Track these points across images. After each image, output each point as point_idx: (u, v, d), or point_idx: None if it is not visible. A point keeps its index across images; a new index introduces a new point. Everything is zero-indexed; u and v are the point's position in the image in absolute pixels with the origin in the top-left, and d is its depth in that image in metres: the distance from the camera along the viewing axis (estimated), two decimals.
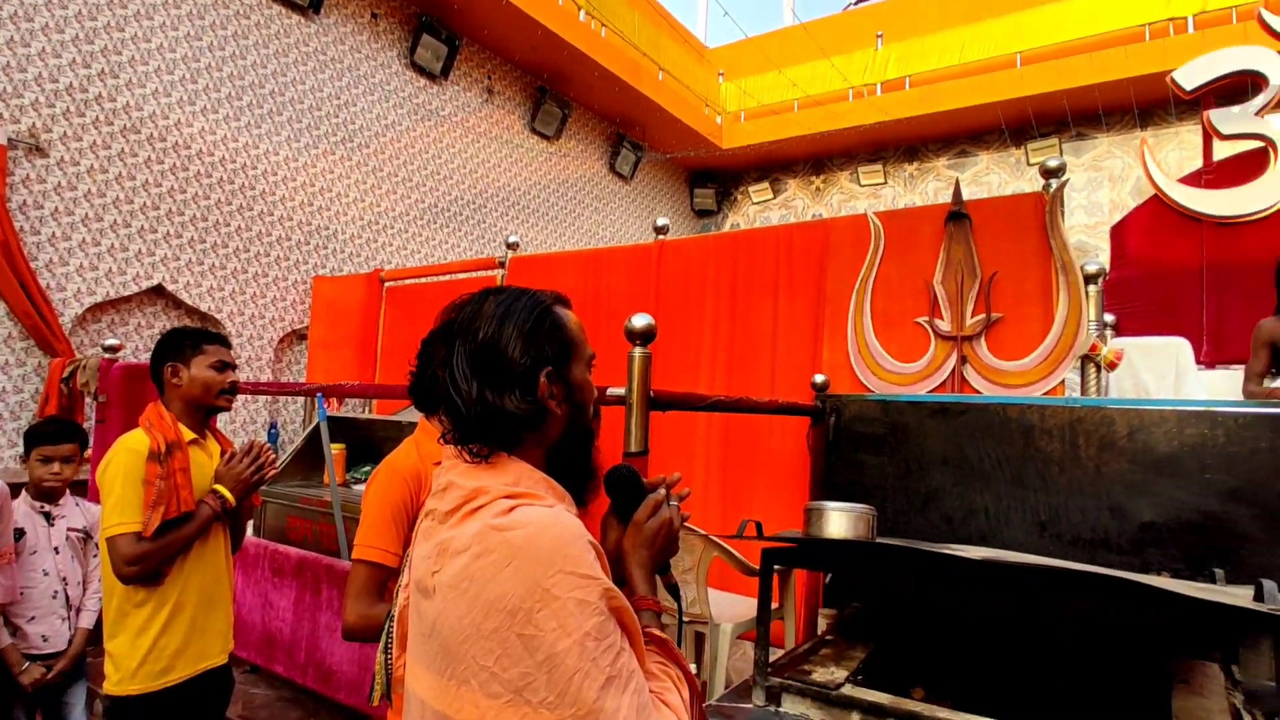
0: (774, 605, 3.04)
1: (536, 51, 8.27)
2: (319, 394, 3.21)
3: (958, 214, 3.11)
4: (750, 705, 2.02)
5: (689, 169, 10.84)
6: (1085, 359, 2.79)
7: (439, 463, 1.55)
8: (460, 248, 8.16)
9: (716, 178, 10.92)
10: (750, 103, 10.11)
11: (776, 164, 10.55)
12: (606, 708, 0.78)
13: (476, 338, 0.94)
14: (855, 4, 10.27)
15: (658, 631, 0.98)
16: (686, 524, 2.82)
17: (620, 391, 1.95)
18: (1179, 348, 3.53)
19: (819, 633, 2.56)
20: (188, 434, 2.04)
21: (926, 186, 9.42)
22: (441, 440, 0.98)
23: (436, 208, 7.98)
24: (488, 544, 0.84)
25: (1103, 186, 8.33)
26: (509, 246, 4.87)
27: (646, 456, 1.94)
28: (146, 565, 1.89)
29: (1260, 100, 3.94)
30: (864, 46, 9.45)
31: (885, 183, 9.77)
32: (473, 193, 8.37)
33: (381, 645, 1.07)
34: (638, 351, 1.94)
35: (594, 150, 9.74)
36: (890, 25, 9.56)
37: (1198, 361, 3.70)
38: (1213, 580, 2.13)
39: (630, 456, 1.91)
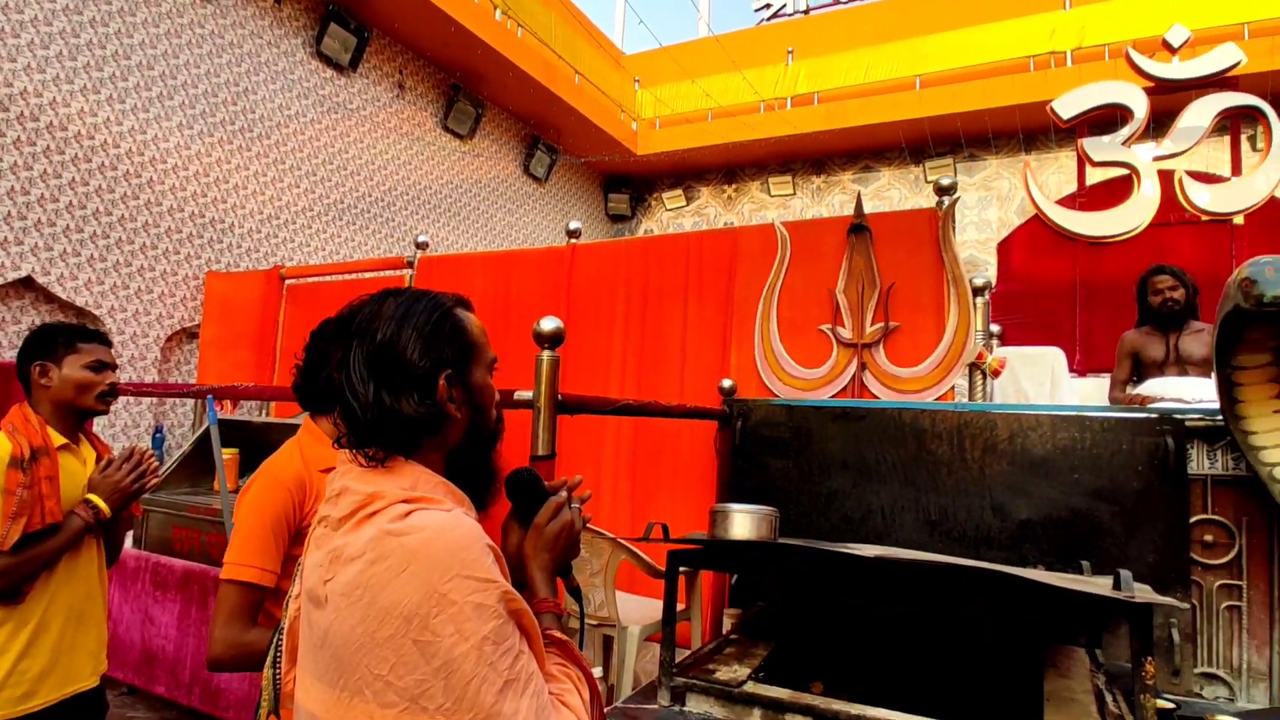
0: (681, 607, 3.09)
1: (450, 48, 8.12)
2: (209, 396, 3.04)
3: (859, 226, 3.25)
4: (655, 706, 2.05)
5: (604, 173, 10.87)
6: (972, 366, 2.97)
7: (328, 469, 1.48)
8: (367, 246, 7.90)
9: (631, 183, 11.00)
10: (665, 110, 10.24)
11: (690, 171, 10.72)
12: (505, 711, 0.78)
13: (374, 339, 0.92)
14: (767, 20, 10.57)
15: (558, 634, 0.98)
16: (592, 526, 2.81)
17: (528, 395, 1.94)
18: (1055, 357, 3.81)
19: (724, 632, 2.61)
20: (57, 439, 1.89)
21: (833, 199, 9.79)
22: (336, 444, 0.95)
23: (343, 204, 7.70)
24: (383, 549, 0.82)
25: (992, 205, 8.88)
26: (418, 246, 4.75)
27: (554, 460, 1.94)
28: (5, 582, 1.74)
29: (1126, 131, 4.30)
30: (775, 62, 9.74)
31: (794, 193, 10.09)
32: (381, 190, 8.13)
33: (269, 659, 1.02)
34: (546, 355, 1.93)
35: (508, 151, 9.63)
36: (800, 42, 9.90)
37: (1071, 370, 4.00)
38: (1080, 571, 2.30)
39: (537, 460, 1.90)
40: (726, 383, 3.15)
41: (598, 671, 2.77)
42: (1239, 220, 4.03)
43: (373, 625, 0.79)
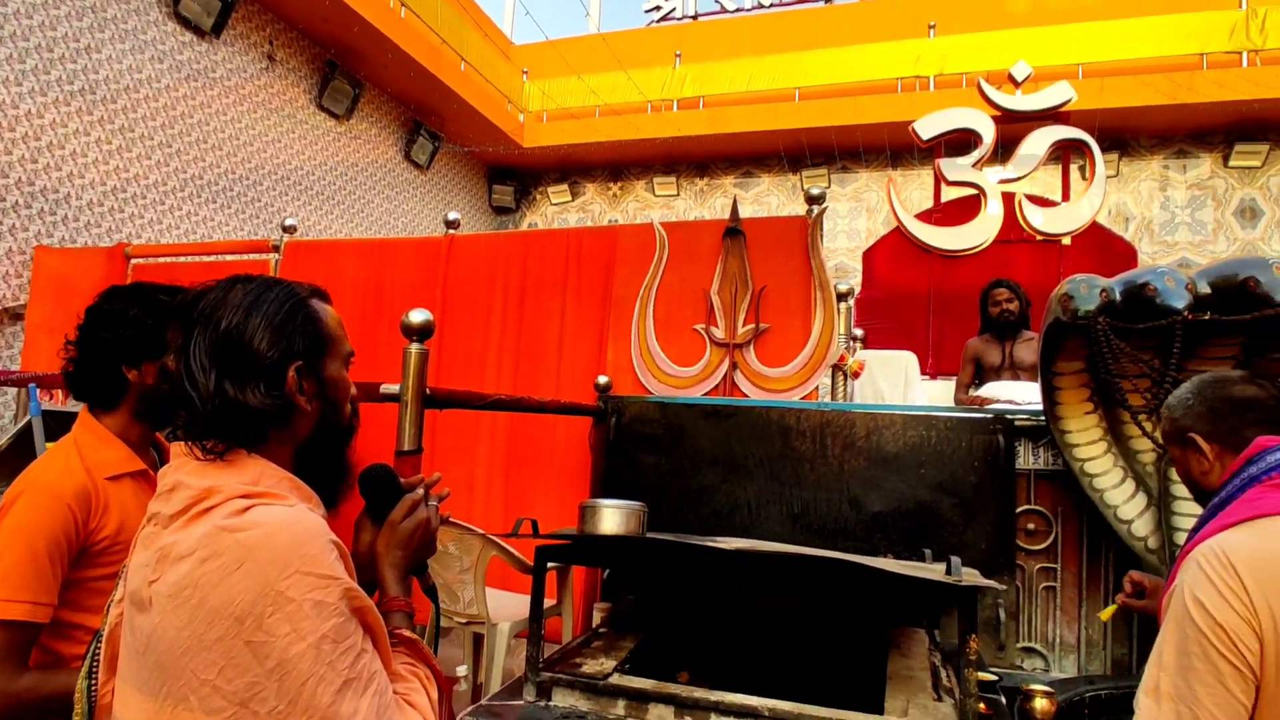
0: (552, 602, 3.09)
1: (327, 22, 7.71)
2: (33, 385, 2.75)
3: (734, 230, 3.36)
4: (521, 701, 2.04)
5: (489, 164, 10.67)
6: (835, 368, 3.15)
7: (117, 475, 1.36)
8: (229, 227, 7.38)
9: (517, 176, 10.85)
10: (552, 104, 10.17)
11: (576, 167, 10.70)
12: (343, 712, 0.76)
13: (218, 326, 0.88)
14: (656, 22, 10.71)
15: (407, 632, 0.96)
16: (461, 522, 2.76)
17: (395, 389, 1.89)
18: (908, 360, 4.10)
19: (594, 626, 2.64)
20: None
21: (715, 202, 10.06)
22: (169, 436, 0.89)
23: (201, 180, 7.15)
24: (216, 546, 0.78)
25: (862, 215, 9.41)
26: (285, 229, 4.49)
27: (420, 455, 1.89)
28: None
29: (976, 155, 4.69)
30: (663, 64, 9.88)
31: (678, 194, 10.28)
32: (246, 167, 7.61)
33: (84, 670, 0.94)
34: (414, 348, 1.89)
35: (388, 135, 9.26)
36: (688, 47, 10.09)
37: (923, 373, 4.32)
38: (922, 559, 2.49)
39: (403, 455, 1.85)
40: (602, 379, 3.18)
41: (464, 670, 2.73)
42: (1067, 241, 4.48)
43: (201, 627, 0.75)
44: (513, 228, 10.73)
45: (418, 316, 1.86)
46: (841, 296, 3.23)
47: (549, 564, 2.09)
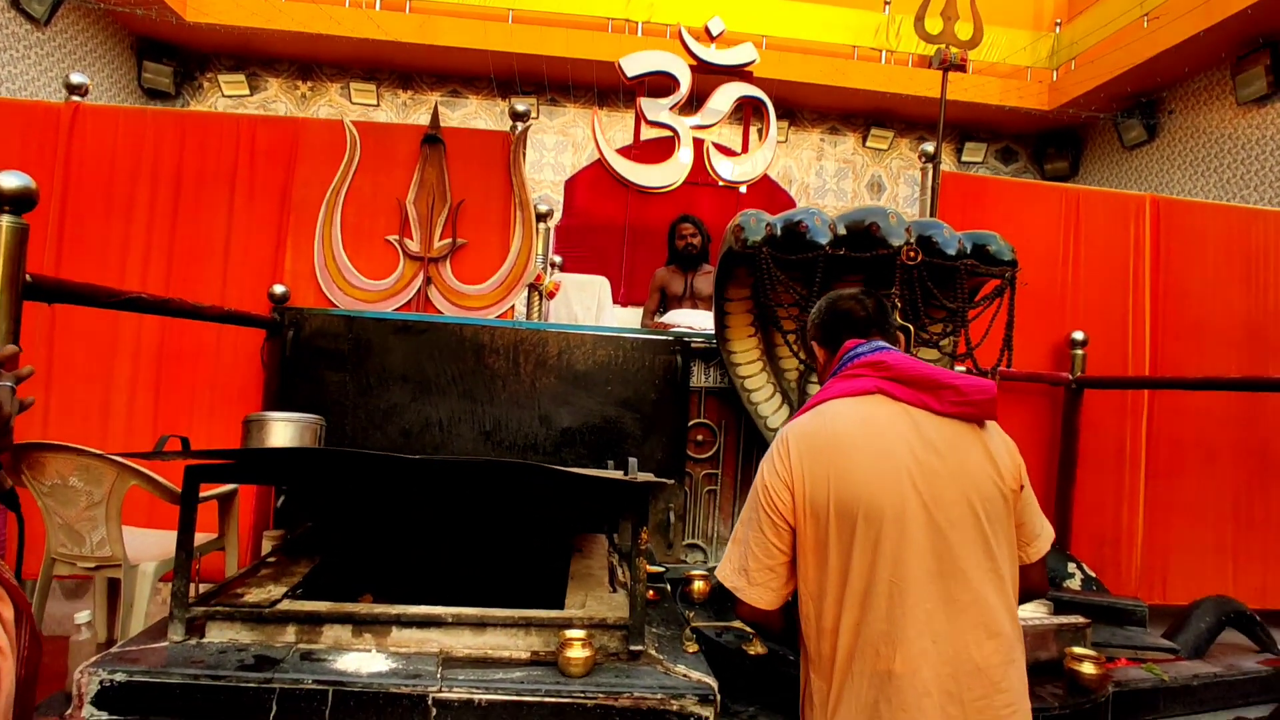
0: (214, 536, 2.75)
1: None
2: None
3: (434, 138, 3.17)
4: (165, 643, 1.78)
5: (138, 35, 8.76)
6: (531, 287, 3.17)
7: None
8: None
9: (178, 55, 9.08)
10: None
11: (257, 57, 9.27)
12: None
13: None
14: None
15: None
16: (89, 449, 2.31)
17: None
18: (601, 285, 4.29)
19: (262, 556, 2.40)
20: None
21: (419, 118, 9.44)
22: None
23: None
24: None
25: (568, 151, 9.54)
26: None
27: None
28: None
29: (673, 99, 4.97)
30: None
31: (378, 105, 9.47)
32: None
33: None
34: (5, 220, 1.48)
35: None
36: None
37: (615, 301, 4.55)
38: (605, 468, 2.66)
39: None
40: (279, 289, 2.84)
41: (87, 616, 2.31)
42: (744, 190, 4.99)
43: None
44: None
45: (10, 181, 1.46)
46: (541, 217, 3.23)
47: (204, 493, 1.83)
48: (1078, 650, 1.92)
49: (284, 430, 1.93)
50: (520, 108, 3.22)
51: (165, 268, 3.04)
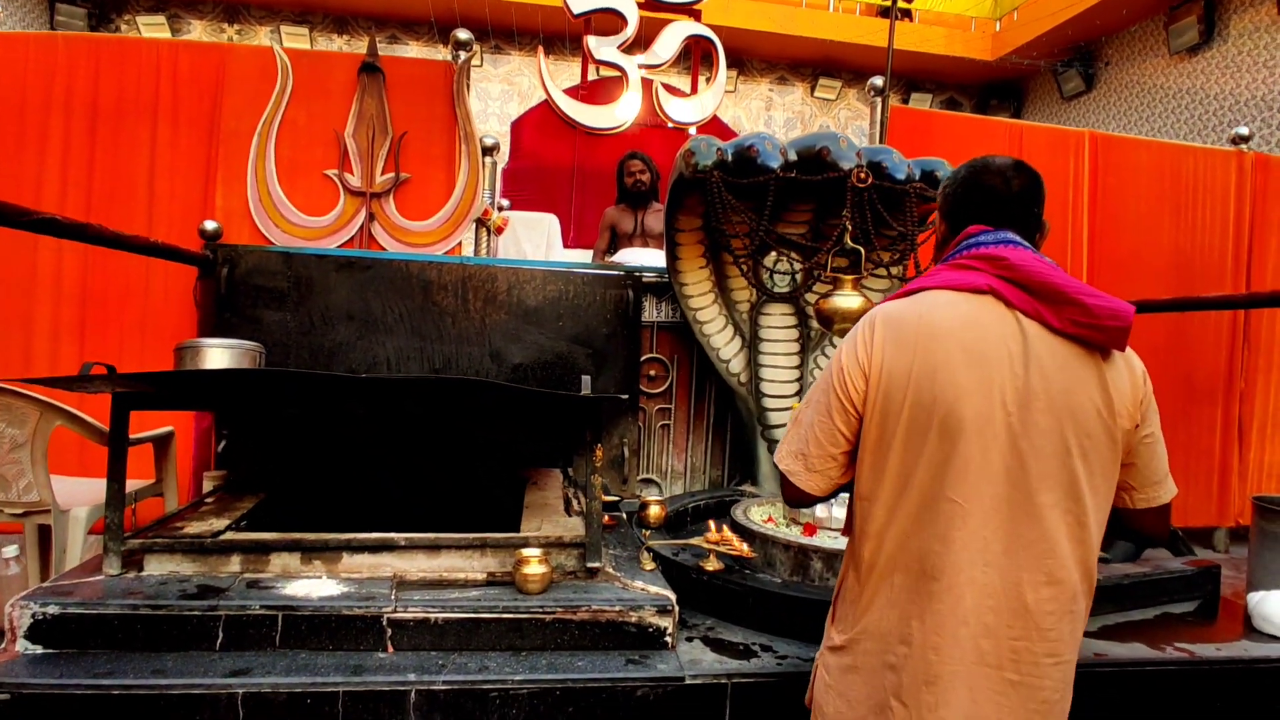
0: (152, 482, 2.65)
1: None
2: None
3: (372, 66, 3.02)
4: (100, 577, 1.72)
5: None
6: (478, 223, 3.08)
7: None
8: None
9: None
10: None
11: None
12: None
13: None
14: None
15: None
16: (7, 385, 2.19)
17: None
18: (551, 223, 4.21)
19: (203, 494, 2.32)
20: None
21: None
22: None
23: None
24: None
25: (514, 100, 9.28)
26: None
27: None
28: None
29: (621, 38, 4.84)
30: None
31: (312, 50, 9.04)
32: None
33: None
34: None
35: None
36: None
37: (565, 244, 4.48)
38: None
39: None
40: (210, 224, 2.71)
41: (13, 550, 2.21)
42: (694, 131, 4.93)
43: None
44: None
45: None
46: (487, 150, 3.14)
47: (139, 435, 1.75)
48: None
49: (221, 356, 1.85)
50: (463, 36, 3.09)
51: (84, 204, 2.85)
